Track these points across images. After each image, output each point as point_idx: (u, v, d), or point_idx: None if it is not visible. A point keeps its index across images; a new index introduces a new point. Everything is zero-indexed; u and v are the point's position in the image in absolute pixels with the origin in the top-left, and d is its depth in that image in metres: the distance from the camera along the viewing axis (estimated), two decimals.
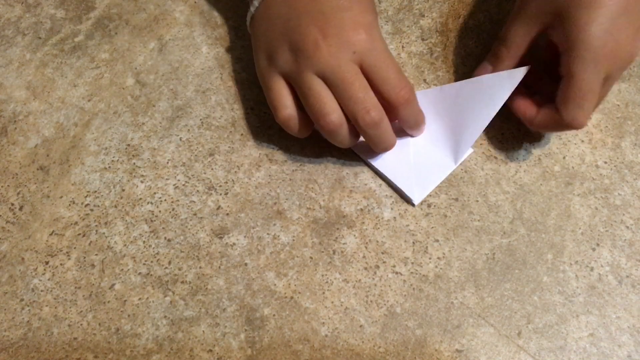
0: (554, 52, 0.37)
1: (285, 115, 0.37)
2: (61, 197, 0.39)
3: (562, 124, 0.36)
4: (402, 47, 0.44)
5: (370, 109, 0.35)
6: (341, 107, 0.36)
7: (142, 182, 0.40)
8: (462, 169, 0.40)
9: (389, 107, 0.36)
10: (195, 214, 0.39)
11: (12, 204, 0.39)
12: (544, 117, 0.37)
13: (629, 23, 0.34)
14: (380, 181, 0.40)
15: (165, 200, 0.39)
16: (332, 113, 0.35)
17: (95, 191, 0.39)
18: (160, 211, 0.39)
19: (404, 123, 0.38)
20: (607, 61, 0.34)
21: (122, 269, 0.37)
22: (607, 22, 0.33)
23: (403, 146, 0.40)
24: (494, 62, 0.39)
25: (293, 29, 0.36)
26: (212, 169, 0.40)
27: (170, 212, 0.39)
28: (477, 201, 0.39)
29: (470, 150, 0.40)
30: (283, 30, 0.37)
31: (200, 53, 0.44)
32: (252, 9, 0.38)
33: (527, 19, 0.37)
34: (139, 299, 0.37)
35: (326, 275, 0.37)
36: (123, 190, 0.39)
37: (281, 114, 0.37)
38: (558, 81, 0.36)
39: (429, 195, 0.39)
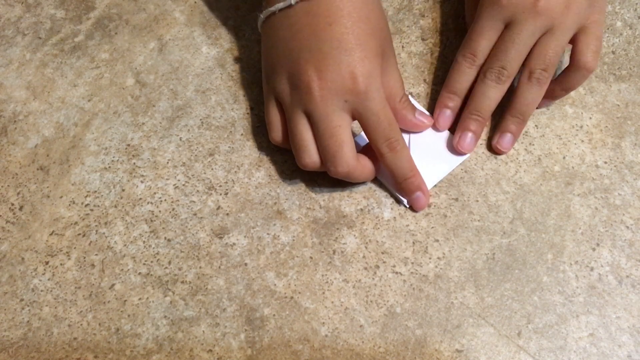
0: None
1: (275, 138, 0.39)
2: (61, 197, 0.39)
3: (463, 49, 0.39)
4: (402, 47, 0.44)
5: (338, 165, 0.36)
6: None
7: (142, 182, 0.40)
8: (462, 169, 0.40)
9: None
10: (195, 214, 0.39)
11: (12, 204, 0.39)
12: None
13: None
14: (380, 181, 0.40)
15: (165, 200, 0.39)
16: (307, 157, 0.37)
17: (95, 191, 0.39)
18: (160, 211, 0.39)
19: (389, 171, 0.38)
20: (538, 12, 0.36)
21: (122, 269, 0.37)
22: None
23: None
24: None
25: (292, 61, 0.36)
26: (212, 169, 0.40)
27: (170, 212, 0.39)
28: (477, 201, 0.39)
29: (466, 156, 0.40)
30: (283, 58, 0.37)
31: (200, 53, 0.44)
32: (261, 17, 0.38)
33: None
34: (139, 299, 0.37)
35: (326, 275, 0.37)
36: (123, 190, 0.39)
37: (271, 136, 0.39)
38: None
39: (429, 195, 0.39)
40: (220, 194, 0.39)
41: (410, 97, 0.41)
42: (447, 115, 0.40)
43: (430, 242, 0.38)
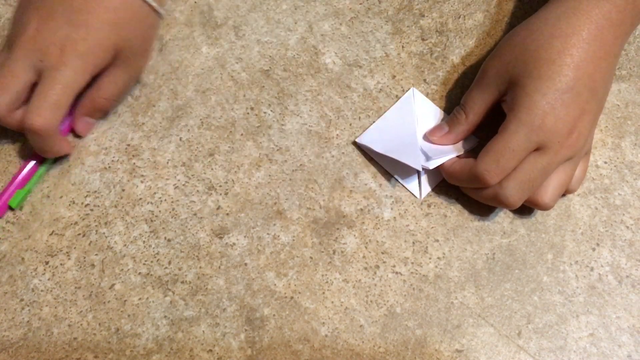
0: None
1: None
2: (61, 197, 0.39)
3: (473, 172, 0.36)
4: (402, 47, 0.44)
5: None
6: None
7: (142, 182, 0.40)
8: None
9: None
10: (195, 214, 0.39)
11: None
12: (461, 164, 0.38)
13: (574, 102, 0.35)
14: (381, 181, 0.40)
15: (165, 200, 0.39)
16: None
17: (95, 191, 0.39)
18: (160, 211, 0.39)
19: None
20: (542, 131, 0.34)
21: (122, 269, 0.37)
22: (552, 95, 0.34)
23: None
24: (451, 125, 0.39)
25: (17, 21, 0.36)
26: (212, 169, 0.40)
27: (170, 212, 0.39)
28: (477, 201, 0.39)
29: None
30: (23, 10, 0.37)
31: (200, 53, 0.44)
32: None
33: (484, 87, 0.38)
34: (139, 299, 0.37)
35: (326, 275, 0.37)
36: (123, 190, 0.39)
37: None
38: None
39: (429, 195, 0.39)
40: (220, 194, 0.39)
41: (418, 92, 0.42)
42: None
43: (430, 242, 0.38)
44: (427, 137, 0.40)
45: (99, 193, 0.39)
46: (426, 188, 0.40)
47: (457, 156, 0.39)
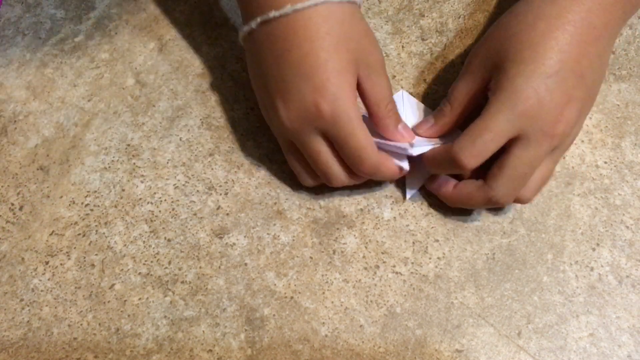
0: None
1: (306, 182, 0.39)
2: (61, 197, 0.39)
3: (449, 154, 0.35)
4: (402, 47, 0.44)
5: (332, 179, 0.36)
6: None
7: (142, 182, 0.40)
8: None
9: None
10: (195, 214, 0.39)
11: (12, 204, 0.39)
12: (439, 149, 0.37)
13: (559, 88, 0.33)
14: (380, 181, 0.40)
15: (165, 200, 0.39)
16: (304, 181, 0.38)
17: (95, 191, 0.39)
18: (160, 211, 0.39)
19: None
20: (525, 117, 0.33)
21: (122, 269, 0.37)
22: (536, 80, 0.33)
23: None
24: (437, 117, 0.38)
25: (264, 89, 0.36)
26: (212, 169, 0.40)
27: (170, 212, 0.39)
28: None
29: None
30: (258, 83, 0.37)
31: (200, 53, 0.44)
32: (240, 33, 0.37)
33: (468, 75, 0.37)
34: (139, 299, 0.37)
35: (326, 275, 0.37)
36: (123, 190, 0.39)
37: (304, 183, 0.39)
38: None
39: (429, 195, 0.39)
40: (220, 194, 0.39)
41: (408, 94, 0.41)
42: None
43: (430, 242, 0.38)
44: (414, 131, 0.39)
45: (99, 193, 0.39)
46: (411, 190, 0.39)
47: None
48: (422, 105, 0.41)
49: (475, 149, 0.34)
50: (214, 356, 0.36)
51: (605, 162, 0.41)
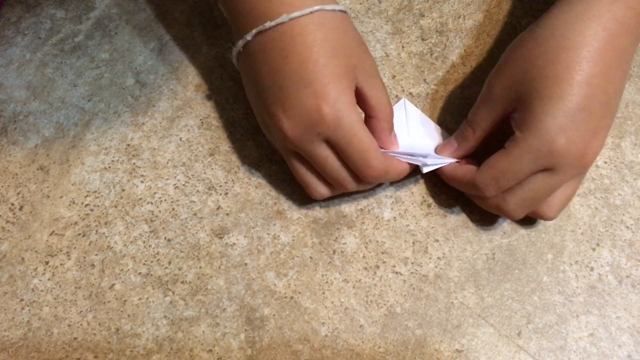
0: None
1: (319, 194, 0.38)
2: (61, 197, 0.39)
3: (471, 183, 0.35)
4: (402, 47, 0.44)
5: (345, 184, 0.36)
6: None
7: (142, 182, 0.40)
8: None
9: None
10: (195, 214, 0.39)
11: (12, 204, 0.39)
12: (463, 171, 0.37)
13: (586, 122, 0.32)
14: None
15: (165, 200, 0.39)
16: (314, 192, 0.37)
17: (95, 191, 0.39)
18: (160, 211, 0.39)
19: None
20: (552, 156, 0.33)
21: (122, 269, 0.37)
22: (563, 117, 0.32)
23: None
24: (460, 141, 0.38)
25: (261, 102, 0.36)
26: (212, 169, 0.40)
27: (170, 212, 0.39)
28: None
29: None
30: (254, 98, 0.37)
31: (200, 53, 0.44)
32: (233, 51, 0.37)
33: (491, 104, 0.36)
34: (139, 299, 0.37)
35: (326, 275, 0.37)
36: (123, 190, 0.39)
37: (314, 196, 0.38)
38: None
39: (429, 196, 0.40)
40: (220, 194, 0.39)
41: (410, 103, 0.41)
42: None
43: (430, 242, 0.38)
44: (438, 153, 0.39)
45: (99, 193, 0.39)
46: (429, 166, 0.38)
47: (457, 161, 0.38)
48: (424, 115, 0.41)
49: (498, 186, 0.35)
50: (214, 356, 0.36)
51: (605, 162, 0.41)
